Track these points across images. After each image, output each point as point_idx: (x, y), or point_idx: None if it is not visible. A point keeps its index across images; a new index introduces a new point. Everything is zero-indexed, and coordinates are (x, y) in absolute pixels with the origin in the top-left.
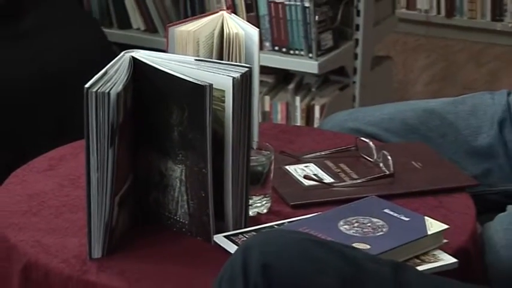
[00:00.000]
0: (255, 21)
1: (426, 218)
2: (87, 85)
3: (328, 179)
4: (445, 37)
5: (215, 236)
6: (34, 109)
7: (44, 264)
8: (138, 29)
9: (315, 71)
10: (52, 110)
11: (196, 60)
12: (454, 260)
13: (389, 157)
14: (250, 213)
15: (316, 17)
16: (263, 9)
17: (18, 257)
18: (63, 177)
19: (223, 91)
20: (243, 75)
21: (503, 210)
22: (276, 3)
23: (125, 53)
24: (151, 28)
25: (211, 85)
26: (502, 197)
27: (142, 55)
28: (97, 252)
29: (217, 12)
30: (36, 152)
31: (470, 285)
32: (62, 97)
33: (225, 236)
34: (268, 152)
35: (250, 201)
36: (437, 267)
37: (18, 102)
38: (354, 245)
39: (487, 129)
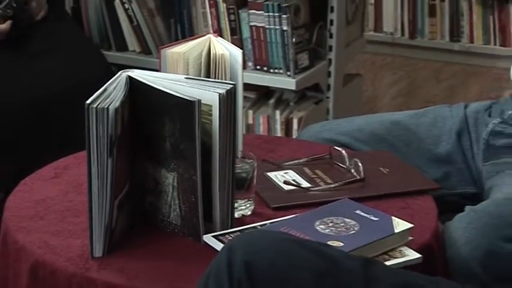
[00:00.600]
0: (238, 43)
1: (393, 218)
2: (88, 101)
3: (305, 183)
4: (409, 56)
5: (204, 236)
6: (41, 124)
7: (50, 263)
8: (134, 51)
9: (293, 87)
10: (57, 124)
11: (186, 78)
12: (419, 255)
13: (360, 164)
14: (236, 215)
15: (294, 39)
16: (246, 32)
17: (26, 257)
18: (67, 185)
19: (211, 106)
20: (228, 91)
21: (462, 210)
22: (258, 27)
23: (122, 72)
24: (145, 50)
25: (199, 101)
26: (460, 199)
27: (137, 74)
28: (98, 252)
29: (204, 35)
30: (43, 162)
31: (433, 277)
32: (66, 112)
33: (213, 236)
34: (252, 160)
35: (236, 205)
36: (404, 262)
37: (27, 117)
38: (328, 242)
39: (446, 138)
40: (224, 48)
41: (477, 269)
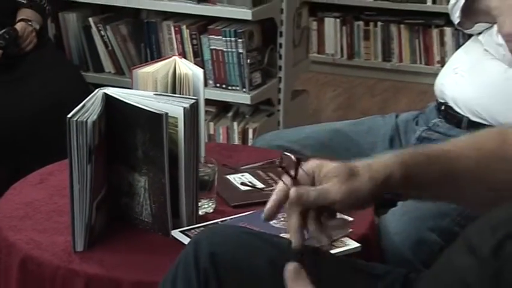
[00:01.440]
0: (200, 64)
1: (337, 213)
2: (69, 115)
3: (259, 184)
4: (347, 75)
5: (172, 231)
6: (29, 136)
7: (37, 257)
8: (109, 72)
9: (248, 102)
10: (43, 136)
11: (155, 94)
12: (358, 245)
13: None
14: (200, 212)
15: (248, 61)
16: (207, 55)
17: (16, 252)
18: (52, 189)
19: (177, 118)
20: (191, 105)
21: (395, 205)
22: (217, 50)
23: (99, 90)
24: (119, 71)
25: (167, 114)
26: (394, 196)
27: (112, 91)
28: (80, 247)
29: (170, 57)
30: (31, 169)
31: (371, 263)
32: (50, 126)
33: (180, 231)
34: (213, 165)
35: (200, 203)
36: (345, 250)
37: (17, 131)
38: (281, 235)
39: (380, 143)
40: (188, 68)
41: (408, 256)
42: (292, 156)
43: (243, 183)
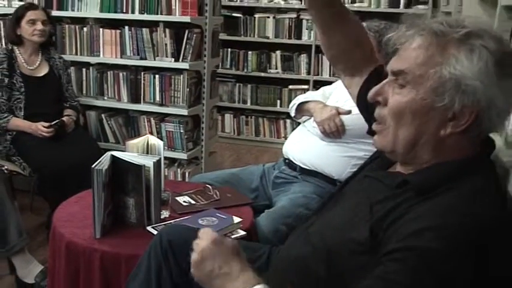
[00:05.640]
0: (161, 138)
1: (233, 216)
2: (92, 166)
3: (193, 202)
4: (237, 144)
5: (147, 227)
6: (70, 177)
7: (75, 242)
8: (113, 142)
9: (186, 158)
10: (77, 177)
11: (138, 154)
12: (244, 233)
13: (217, 192)
14: (161, 217)
15: (186, 136)
16: (164, 133)
17: (63, 239)
18: (83, 206)
19: (149, 167)
20: (157, 161)
21: (263, 211)
22: (170, 131)
23: (108, 153)
24: (118, 142)
25: (144, 165)
26: (263, 207)
27: (115, 153)
28: (98, 235)
29: (145, 135)
30: (70, 195)
31: (252, 242)
32: (81, 172)
33: (151, 227)
34: (168, 192)
35: (161, 212)
36: (239, 236)
37: (64, 175)
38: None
39: (256, 180)
40: (155, 140)
41: (270, 238)
42: (210, 187)
43: (184, 201)
